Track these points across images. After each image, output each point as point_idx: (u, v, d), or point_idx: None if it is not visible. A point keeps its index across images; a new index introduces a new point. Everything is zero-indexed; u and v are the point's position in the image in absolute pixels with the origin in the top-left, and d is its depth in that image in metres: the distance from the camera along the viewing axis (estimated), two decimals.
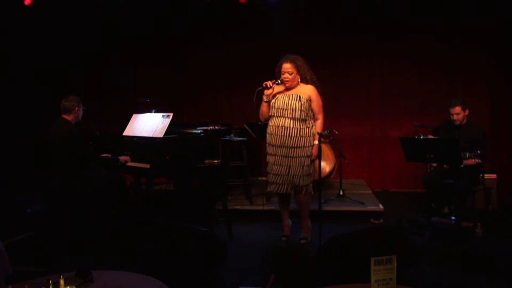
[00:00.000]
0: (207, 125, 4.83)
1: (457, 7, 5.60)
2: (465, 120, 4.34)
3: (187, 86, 6.61)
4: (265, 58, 5.82)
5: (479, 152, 3.92)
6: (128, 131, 4.38)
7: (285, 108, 3.71)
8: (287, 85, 3.74)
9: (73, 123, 4.05)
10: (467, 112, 4.33)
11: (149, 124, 4.19)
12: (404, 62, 6.06)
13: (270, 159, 3.86)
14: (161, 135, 3.94)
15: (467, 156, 3.94)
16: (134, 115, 4.48)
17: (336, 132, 5.11)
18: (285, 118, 3.72)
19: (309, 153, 3.76)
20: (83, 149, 4.04)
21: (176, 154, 3.83)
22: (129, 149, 4.19)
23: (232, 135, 4.98)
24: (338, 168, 5.22)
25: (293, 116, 3.71)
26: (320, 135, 3.72)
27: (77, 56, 6.35)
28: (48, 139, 3.99)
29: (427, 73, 6.00)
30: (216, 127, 4.75)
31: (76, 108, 4.05)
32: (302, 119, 3.72)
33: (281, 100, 3.74)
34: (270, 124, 3.84)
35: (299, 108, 3.70)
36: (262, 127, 4.87)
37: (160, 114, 4.17)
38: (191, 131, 4.37)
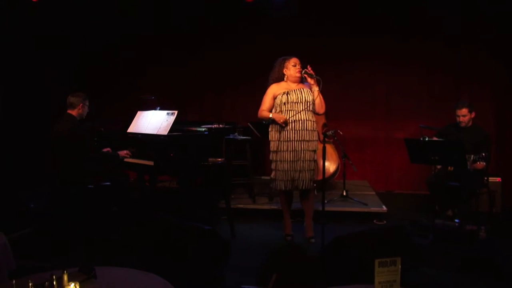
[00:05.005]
0: (212, 123, 4.83)
1: (460, 9, 5.57)
2: (470, 123, 4.33)
3: (191, 84, 6.62)
4: (268, 58, 5.80)
5: (483, 154, 3.90)
6: (133, 128, 4.38)
7: (299, 101, 3.74)
8: (298, 75, 3.79)
9: (78, 119, 4.05)
10: (473, 115, 4.31)
11: (153, 121, 4.19)
12: (409, 63, 6.04)
13: (283, 155, 3.78)
14: (165, 132, 3.94)
15: (471, 158, 3.92)
16: (138, 112, 4.49)
17: (341, 133, 5.11)
18: (300, 111, 3.74)
19: (316, 147, 3.81)
20: (85, 145, 4.03)
21: (180, 152, 3.83)
22: (134, 146, 4.19)
23: (236, 133, 4.98)
24: (342, 169, 5.21)
25: (308, 108, 3.76)
26: (325, 135, 3.72)
27: (80, 55, 6.38)
28: (52, 134, 4.00)
29: (432, 74, 5.98)
30: (220, 126, 4.76)
31: (81, 105, 4.04)
32: (313, 111, 3.80)
33: (294, 95, 3.75)
34: (286, 120, 3.77)
35: (312, 101, 3.77)
36: (266, 126, 4.88)
37: (165, 112, 4.17)
38: (195, 129, 4.37)
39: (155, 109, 4.38)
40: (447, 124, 4.59)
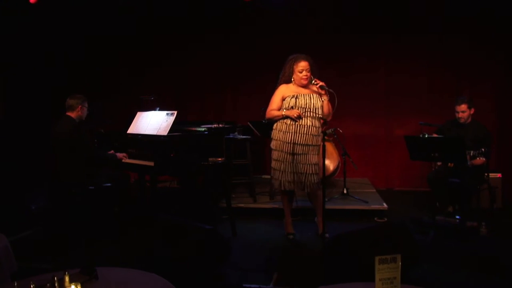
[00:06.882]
0: (211, 123, 4.83)
1: (461, 6, 5.57)
2: (470, 119, 4.32)
3: (191, 84, 6.62)
4: (269, 57, 5.82)
5: (483, 150, 3.90)
6: (133, 129, 4.38)
7: (307, 107, 3.72)
8: (305, 83, 3.74)
9: (77, 121, 4.06)
10: (472, 111, 4.31)
11: (153, 122, 4.20)
12: (410, 60, 6.03)
13: (284, 156, 3.78)
14: (165, 133, 3.94)
15: (471, 154, 3.93)
16: (138, 113, 4.49)
17: (341, 131, 5.11)
18: (307, 117, 3.73)
19: (318, 151, 3.81)
20: (84, 146, 4.04)
21: (180, 152, 3.84)
22: (134, 147, 4.20)
23: (236, 133, 4.99)
24: (342, 167, 5.21)
25: (316, 115, 3.74)
26: (324, 133, 3.72)
27: (80, 56, 6.39)
28: (52, 136, 4.01)
29: (432, 71, 5.97)
30: (220, 125, 4.76)
31: (79, 107, 4.06)
32: (321, 117, 3.78)
33: (303, 100, 3.73)
34: (290, 123, 3.75)
35: (321, 107, 3.75)
36: (266, 125, 4.87)
37: (165, 112, 4.18)
38: (195, 129, 4.38)
39: (154, 109, 4.38)
40: (447, 120, 4.59)
